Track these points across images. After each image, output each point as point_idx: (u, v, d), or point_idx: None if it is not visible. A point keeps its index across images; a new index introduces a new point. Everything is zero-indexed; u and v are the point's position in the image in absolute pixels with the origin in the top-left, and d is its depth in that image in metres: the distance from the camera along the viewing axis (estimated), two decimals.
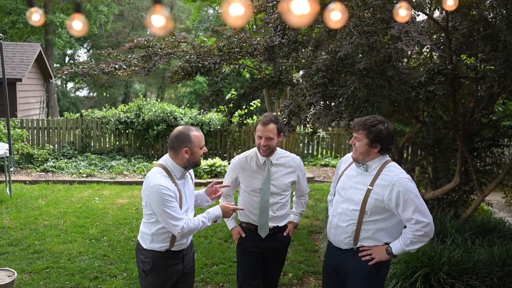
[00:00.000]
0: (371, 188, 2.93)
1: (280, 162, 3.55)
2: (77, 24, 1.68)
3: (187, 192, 3.11)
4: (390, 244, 2.98)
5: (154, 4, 1.64)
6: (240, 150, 12.28)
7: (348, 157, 3.26)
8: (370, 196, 2.92)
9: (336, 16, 1.46)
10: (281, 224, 3.61)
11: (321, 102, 4.64)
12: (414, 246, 2.93)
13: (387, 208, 2.92)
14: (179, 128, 3.04)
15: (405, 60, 5.67)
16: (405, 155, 10.49)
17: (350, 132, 5.77)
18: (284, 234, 3.65)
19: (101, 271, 5.07)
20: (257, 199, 3.52)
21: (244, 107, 6.14)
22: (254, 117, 13.48)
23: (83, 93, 34.35)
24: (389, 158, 3.06)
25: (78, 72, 5.03)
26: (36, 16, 1.70)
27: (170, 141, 3.01)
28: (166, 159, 3.05)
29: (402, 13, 2.04)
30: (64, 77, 5.01)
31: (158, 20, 1.59)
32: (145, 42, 5.52)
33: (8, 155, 7.92)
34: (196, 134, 3.01)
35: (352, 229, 3.01)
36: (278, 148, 3.56)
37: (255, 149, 3.58)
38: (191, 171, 3.28)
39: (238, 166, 3.60)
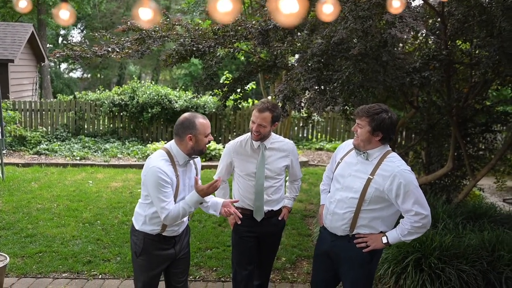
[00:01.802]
0: (371, 177, 2.93)
1: (274, 147, 3.60)
2: (64, 14, 1.64)
3: (187, 181, 3.10)
4: (386, 233, 3.01)
5: None
6: (235, 134, 12.27)
7: (348, 143, 3.26)
8: (370, 185, 2.93)
9: (328, 8, 1.44)
10: (276, 208, 3.68)
11: (316, 87, 4.61)
12: (411, 237, 2.96)
13: (386, 198, 2.93)
14: (185, 114, 3.04)
15: (401, 45, 5.63)
16: (399, 139, 10.51)
17: (347, 118, 5.77)
18: (279, 218, 3.72)
19: (94, 255, 5.09)
20: (252, 183, 3.57)
21: (239, 91, 6.10)
22: (249, 100, 13.43)
23: (76, 74, 34.05)
24: (390, 149, 3.06)
25: (70, 55, 4.96)
26: (23, 3, 1.65)
27: (176, 127, 3.01)
28: (171, 144, 3.06)
29: (396, 4, 2.01)
30: (56, 60, 4.94)
31: (145, 14, 1.55)
32: (138, 25, 5.44)
33: (0, 137, 7.87)
34: (202, 121, 2.99)
35: (349, 217, 3.02)
36: (272, 133, 3.60)
37: (249, 133, 3.60)
38: (198, 161, 3.26)
39: (232, 151, 3.64)
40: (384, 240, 2.99)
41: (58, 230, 5.78)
